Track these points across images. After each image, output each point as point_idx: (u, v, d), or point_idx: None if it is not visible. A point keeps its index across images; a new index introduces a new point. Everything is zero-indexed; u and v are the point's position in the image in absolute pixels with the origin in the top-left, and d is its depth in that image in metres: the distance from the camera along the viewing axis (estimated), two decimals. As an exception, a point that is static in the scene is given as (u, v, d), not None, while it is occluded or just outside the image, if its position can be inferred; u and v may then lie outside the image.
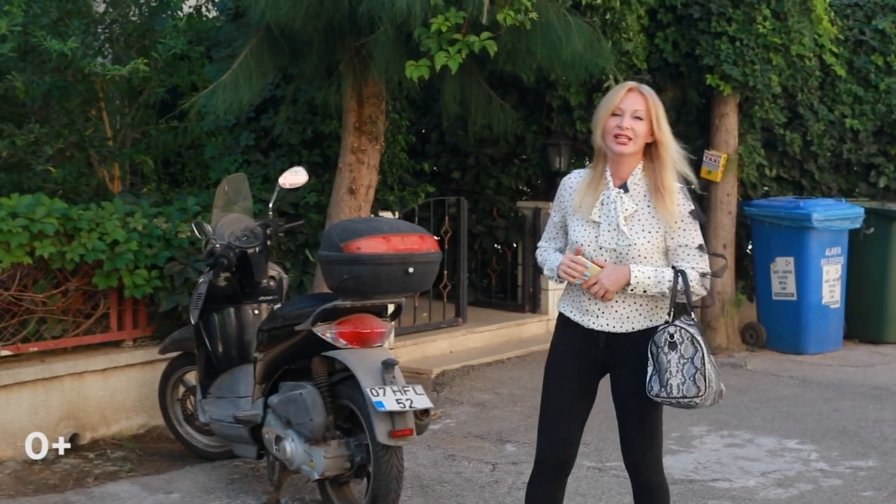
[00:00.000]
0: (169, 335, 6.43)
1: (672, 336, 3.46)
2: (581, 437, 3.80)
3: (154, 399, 6.36)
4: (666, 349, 3.46)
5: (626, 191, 3.57)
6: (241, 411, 5.18)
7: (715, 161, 8.86)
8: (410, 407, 4.48)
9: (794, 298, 8.88)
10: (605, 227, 3.56)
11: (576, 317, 3.67)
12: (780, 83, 8.89)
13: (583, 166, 9.05)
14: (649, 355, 3.50)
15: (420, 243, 4.60)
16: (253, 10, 5.37)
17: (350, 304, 4.67)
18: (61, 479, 5.56)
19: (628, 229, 3.54)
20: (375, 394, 4.46)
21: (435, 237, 5.35)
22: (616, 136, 3.51)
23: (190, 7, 8.02)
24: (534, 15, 5.40)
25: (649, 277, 3.50)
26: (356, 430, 4.76)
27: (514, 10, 5.33)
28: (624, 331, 3.59)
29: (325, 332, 4.68)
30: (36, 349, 6.01)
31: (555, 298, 9.08)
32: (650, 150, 3.57)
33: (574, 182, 3.72)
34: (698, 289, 3.55)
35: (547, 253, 3.79)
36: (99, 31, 6.74)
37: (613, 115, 3.54)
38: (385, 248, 4.48)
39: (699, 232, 3.58)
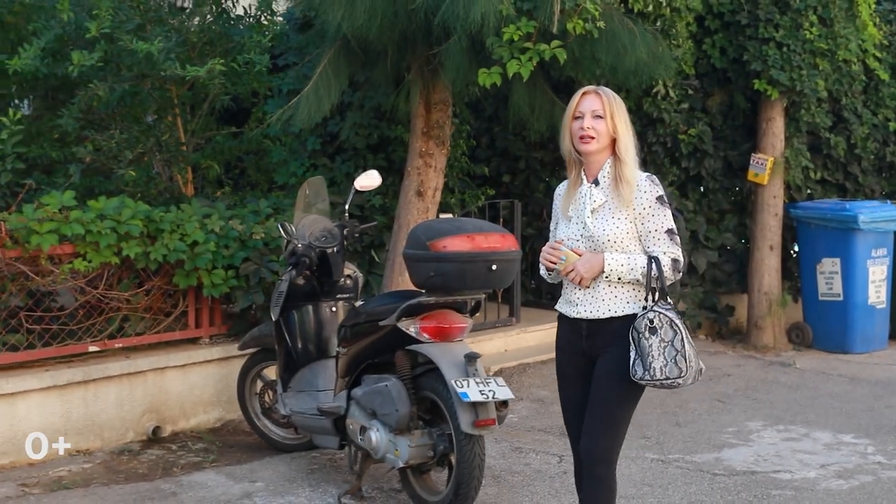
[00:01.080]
0: (243, 332, 6.72)
1: (652, 321, 3.61)
2: None
3: (229, 394, 6.64)
4: (647, 334, 3.61)
5: (597, 184, 3.75)
6: (326, 403, 5.42)
7: (762, 164, 9.04)
8: (493, 398, 4.70)
9: (841, 299, 9.05)
10: (576, 220, 3.77)
11: (564, 309, 3.86)
12: (825, 88, 9.07)
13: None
14: (630, 340, 3.65)
15: (502, 242, 4.84)
16: (331, 21, 5.61)
17: (434, 301, 4.91)
18: (149, 469, 5.83)
19: (592, 220, 3.71)
20: (460, 385, 4.68)
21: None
22: (581, 138, 3.71)
23: (251, 18, 8.28)
24: (601, 24, 5.63)
25: (622, 265, 3.67)
26: (438, 421, 4.99)
27: (582, 19, 5.56)
28: (602, 316, 3.73)
29: (409, 327, 4.91)
30: (121, 345, 6.29)
31: (604, 299, 9.27)
32: (614, 145, 3.74)
33: (561, 189, 3.95)
34: (670, 274, 3.69)
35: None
36: (177, 37, 6.98)
37: (575, 118, 3.74)
38: (470, 246, 4.72)
39: (669, 217, 3.73)
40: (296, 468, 5.82)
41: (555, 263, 3.73)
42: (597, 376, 3.79)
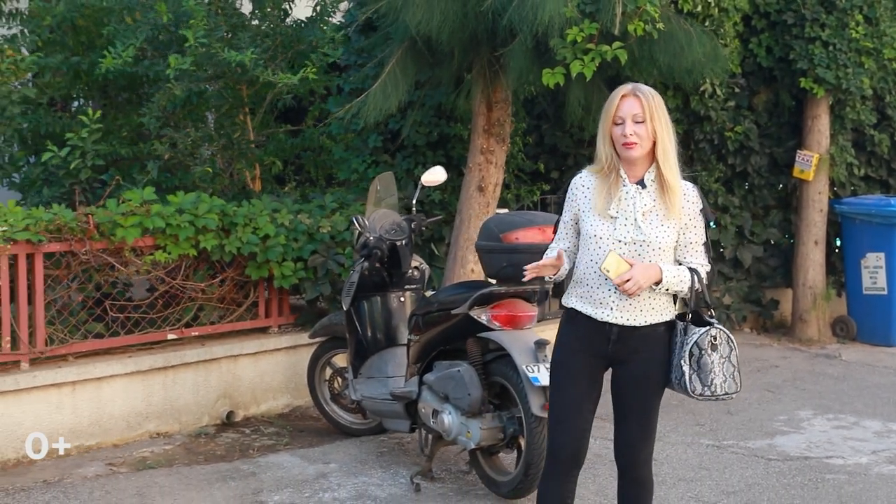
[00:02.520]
0: (309, 322, 7.01)
1: (715, 338, 3.62)
2: (589, 430, 3.87)
3: (297, 381, 6.93)
4: (709, 350, 3.61)
5: (644, 187, 3.66)
6: (398, 388, 5.68)
7: (807, 161, 9.22)
8: (562, 382, 4.94)
9: (885, 293, 9.21)
10: (622, 221, 3.63)
11: (587, 310, 3.72)
12: (870, 85, 9.22)
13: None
14: (687, 357, 3.61)
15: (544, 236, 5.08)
16: (409, 22, 5.87)
17: (505, 290, 5.16)
18: (227, 451, 6.13)
19: (646, 224, 3.63)
20: (531, 370, 4.93)
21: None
22: (625, 144, 3.60)
23: (304, 19, 8.56)
24: (661, 25, 5.86)
25: (675, 276, 3.60)
26: (507, 405, 5.24)
27: (643, 21, 5.79)
28: (638, 324, 3.67)
29: (481, 315, 5.16)
30: (196, 334, 6.59)
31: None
32: (654, 149, 3.64)
33: (586, 181, 3.77)
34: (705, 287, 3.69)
35: (548, 251, 3.89)
36: (262, 43, 7.28)
37: (615, 123, 3.63)
38: (541, 238, 4.97)
39: (706, 230, 3.73)
40: (366, 451, 6.09)
41: (534, 275, 3.68)
42: (626, 382, 3.75)
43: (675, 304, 3.73)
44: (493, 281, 5.29)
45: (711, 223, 4.01)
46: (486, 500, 5.28)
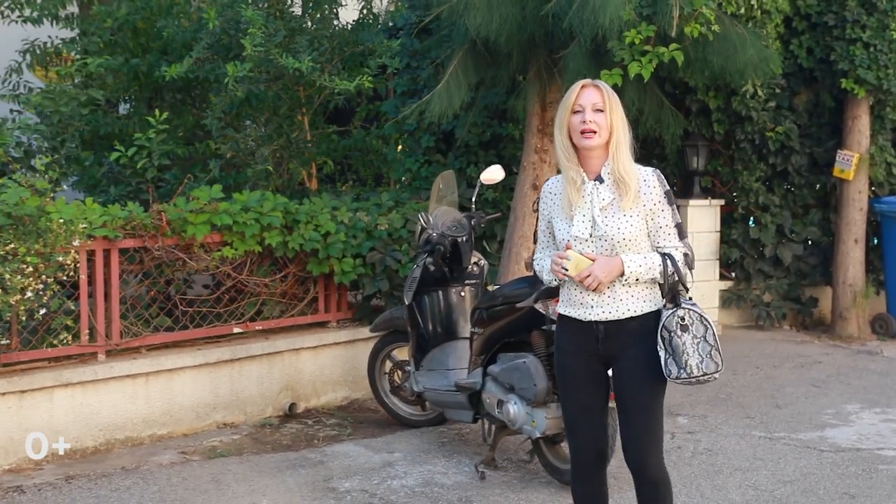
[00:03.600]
0: (365, 317, 7.21)
1: (683, 318, 3.54)
2: (608, 425, 3.89)
3: (355, 374, 7.13)
4: (679, 332, 3.53)
5: (602, 182, 3.63)
6: (462, 379, 5.86)
7: (848, 160, 9.35)
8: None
9: (924, 290, 9.34)
10: (580, 218, 3.63)
11: (572, 312, 3.73)
12: (911, 86, 9.35)
13: (718, 167, 9.59)
14: (660, 340, 3.56)
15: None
16: (471, 26, 6.06)
17: (569, 283, 5.32)
18: (293, 441, 6.32)
19: (603, 218, 3.61)
20: (596, 361, 5.09)
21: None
22: (583, 132, 3.56)
23: (352, 21, 8.76)
24: (716, 27, 6.02)
25: (640, 266, 3.57)
26: (571, 395, 5.40)
27: (698, 23, 5.96)
28: (622, 317, 3.64)
29: (547, 308, 5.33)
30: (260, 328, 6.80)
31: (693, 290, 9.59)
32: (610, 141, 3.61)
33: (553, 187, 3.77)
34: (684, 269, 3.63)
35: (542, 261, 3.85)
36: (320, 47, 7.48)
37: (574, 112, 3.60)
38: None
39: (676, 213, 3.66)
40: (428, 441, 6.27)
41: (566, 270, 3.57)
42: (623, 380, 3.69)
43: (666, 293, 3.64)
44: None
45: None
46: (550, 487, 5.44)
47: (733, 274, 9.99)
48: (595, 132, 3.57)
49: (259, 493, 5.30)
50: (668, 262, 3.60)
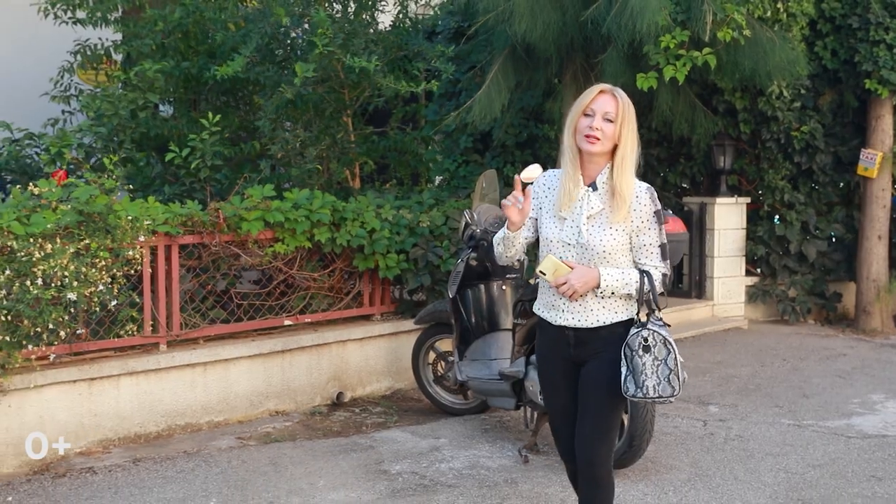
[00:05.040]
0: (408, 311, 7.52)
1: (646, 339, 3.56)
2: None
3: (398, 364, 7.44)
4: (640, 352, 3.55)
5: (595, 189, 3.64)
6: (506, 368, 6.15)
7: (871, 159, 9.60)
8: (665, 361, 5.38)
9: (947, 286, 9.58)
10: (570, 223, 3.64)
11: (545, 314, 3.79)
12: (933, 87, 9.59)
13: (744, 165, 9.83)
14: (622, 357, 3.59)
15: (673, 224, 5.54)
16: (500, 31, 6.36)
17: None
18: (342, 427, 6.64)
19: (588, 227, 3.62)
20: (636, 350, 5.38)
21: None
22: (587, 136, 3.56)
23: (387, 24, 9.07)
24: (747, 32, 6.30)
25: (617, 280, 3.59)
26: (610, 383, 5.68)
27: (731, 28, 6.24)
28: (590, 325, 3.67)
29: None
30: (309, 320, 7.11)
31: (720, 286, 9.94)
32: (615, 153, 3.61)
33: (550, 181, 3.78)
34: (660, 289, 3.67)
35: (531, 233, 3.81)
36: (374, 47, 7.79)
37: (585, 115, 3.59)
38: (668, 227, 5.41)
39: (663, 232, 3.67)
40: (471, 428, 6.58)
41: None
42: (585, 382, 3.74)
43: (639, 310, 3.67)
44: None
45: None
46: (590, 470, 5.72)
47: (759, 270, 10.26)
48: (598, 139, 3.56)
49: (315, 474, 5.61)
50: (646, 279, 3.63)
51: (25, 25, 9.48)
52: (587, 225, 3.62)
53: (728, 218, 9.92)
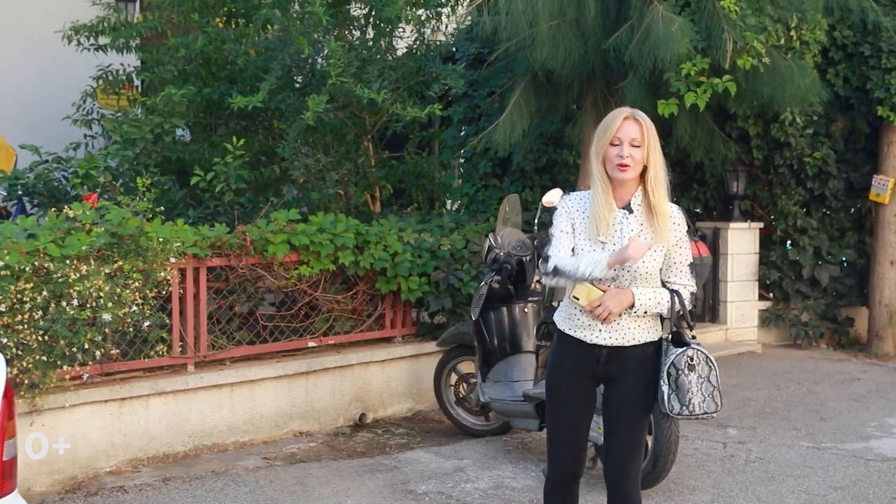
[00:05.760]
0: (429, 333, 7.60)
1: (691, 358, 3.69)
2: (588, 441, 4.05)
3: (419, 386, 7.52)
4: (686, 371, 3.66)
5: (631, 212, 3.72)
6: (530, 390, 6.23)
7: (883, 185, 9.71)
8: (689, 383, 5.46)
9: (959, 311, 9.66)
10: (610, 246, 3.68)
11: (576, 333, 3.80)
12: (944, 114, 9.71)
13: (757, 191, 9.93)
14: (665, 376, 3.69)
15: (695, 248, 5.62)
16: (522, 57, 6.48)
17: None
18: (366, 448, 6.71)
19: None
20: (660, 372, 5.46)
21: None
22: (618, 165, 3.63)
23: (404, 47, 9.17)
24: (767, 60, 6.42)
25: (650, 299, 3.67)
26: (634, 404, 5.76)
27: (750, 56, 6.36)
28: (626, 344, 3.74)
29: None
30: (333, 342, 7.20)
31: (734, 310, 10.02)
32: (644, 174, 3.69)
33: (579, 204, 3.80)
34: (689, 305, 3.76)
35: (573, 255, 3.76)
36: (390, 76, 7.92)
37: (612, 144, 3.66)
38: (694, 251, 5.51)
39: (691, 251, 3.79)
40: (493, 449, 6.65)
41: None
42: (617, 401, 3.81)
43: (671, 328, 3.76)
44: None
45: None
46: (614, 491, 5.79)
47: (771, 294, 10.34)
48: (630, 166, 3.63)
49: (343, 494, 5.68)
50: (676, 298, 3.72)
51: (48, 51, 9.61)
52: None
53: (741, 243, 10.02)
